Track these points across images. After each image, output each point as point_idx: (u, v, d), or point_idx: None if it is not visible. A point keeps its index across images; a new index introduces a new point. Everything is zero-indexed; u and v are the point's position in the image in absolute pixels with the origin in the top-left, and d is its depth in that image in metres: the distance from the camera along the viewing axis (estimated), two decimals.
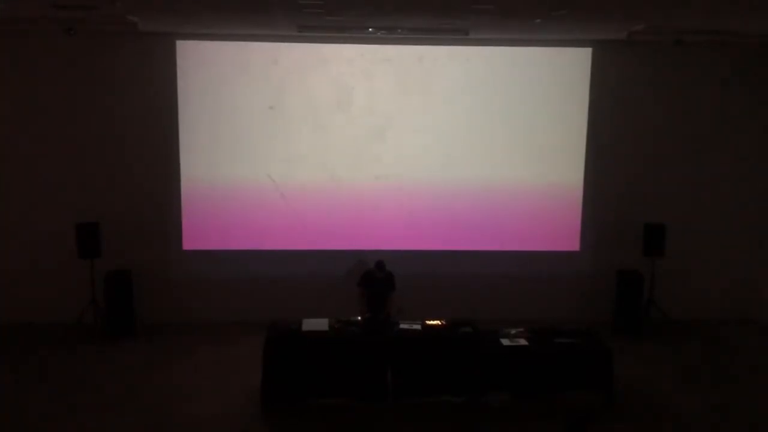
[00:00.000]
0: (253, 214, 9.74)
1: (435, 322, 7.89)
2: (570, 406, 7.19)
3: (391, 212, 9.85)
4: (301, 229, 9.79)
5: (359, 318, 8.03)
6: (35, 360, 8.57)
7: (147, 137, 9.53)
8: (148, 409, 7.42)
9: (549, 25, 7.93)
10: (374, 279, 8.33)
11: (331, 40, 9.37)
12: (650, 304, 9.79)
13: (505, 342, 7.66)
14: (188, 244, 9.78)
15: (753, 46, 9.56)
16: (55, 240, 9.40)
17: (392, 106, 9.69)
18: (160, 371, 8.36)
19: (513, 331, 7.87)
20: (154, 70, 9.40)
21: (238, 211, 9.71)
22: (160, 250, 9.72)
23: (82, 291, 9.24)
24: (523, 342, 7.67)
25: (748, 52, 9.69)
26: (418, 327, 7.79)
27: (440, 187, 9.84)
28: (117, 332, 9.26)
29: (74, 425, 7.05)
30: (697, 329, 9.94)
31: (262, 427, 7.09)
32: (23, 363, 8.49)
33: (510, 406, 7.57)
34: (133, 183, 9.60)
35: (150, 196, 9.63)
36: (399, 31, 8.80)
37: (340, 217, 9.81)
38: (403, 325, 7.80)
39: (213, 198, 9.66)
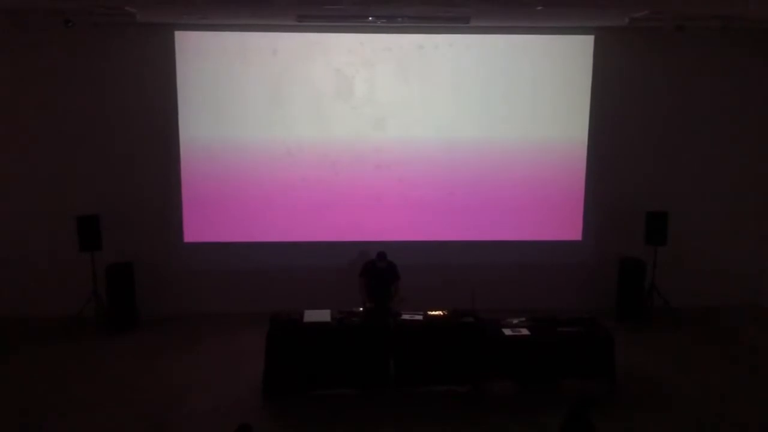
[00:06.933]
0: (254, 206, 9.72)
1: (437, 313, 7.87)
2: (573, 393, 7.16)
3: (393, 202, 9.81)
4: (302, 221, 9.76)
5: (361, 309, 8.02)
6: (36, 353, 8.57)
7: (147, 129, 9.50)
8: (150, 400, 7.42)
9: (550, 12, 7.86)
10: (376, 269, 8.32)
11: (330, 29, 9.32)
12: (652, 291, 9.77)
13: (507, 332, 7.64)
14: (189, 236, 9.76)
15: (756, 31, 9.48)
16: (55, 233, 9.39)
17: (393, 96, 9.65)
18: (162, 363, 8.36)
19: (515, 321, 7.85)
20: (152, 61, 9.36)
21: (239, 202, 9.68)
22: (162, 242, 9.70)
23: (83, 284, 9.24)
24: (525, 332, 7.65)
25: (751, 37, 9.62)
26: (419, 317, 7.78)
27: (442, 176, 9.81)
28: (118, 325, 9.25)
29: (76, 418, 7.05)
30: (699, 316, 9.93)
31: (265, 418, 7.08)
32: (24, 357, 8.49)
33: (513, 394, 7.58)
34: (133, 175, 9.58)
35: (150, 188, 9.62)
36: (399, 19, 8.74)
37: (342, 208, 9.77)
38: (405, 316, 7.78)
39: (214, 190, 9.63)
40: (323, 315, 7.76)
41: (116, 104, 9.43)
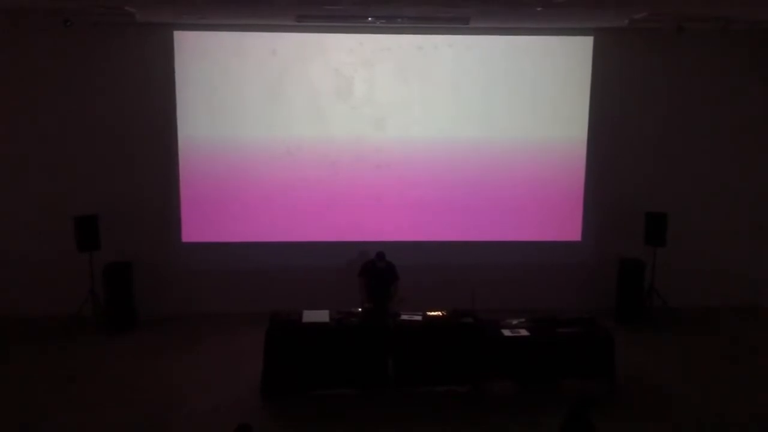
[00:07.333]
0: (253, 206, 9.71)
1: (436, 313, 7.87)
2: (573, 393, 7.16)
3: (392, 202, 9.81)
4: (302, 221, 9.76)
5: (360, 309, 8.01)
6: (35, 353, 8.55)
7: (145, 129, 9.49)
8: (150, 400, 7.41)
9: (550, 13, 7.86)
10: (375, 269, 8.31)
11: (330, 29, 9.31)
12: (652, 292, 9.77)
13: (506, 332, 7.64)
14: (188, 236, 9.75)
15: (756, 32, 9.48)
16: (54, 233, 9.36)
17: (392, 96, 9.64)
18: (162, 363, 8.35)
19: (514, 322, 7.85)
20: (151, 61, 9.35)
21: (238, 202, 9.67)
22: (160, 242, 9.69)
23: (81, 284, 9.22)
24: (524, 332, 7.64)
25: (751, 38, 9.62)
26: (419, 318, 7.77)
27: (442, 176, 9.81)
28: (117, 325, 9.23)
29: (76, 418, 7.04)
30: (700, 317, 9.95)
31: (265, 418, 7.07)
32: (23, 357, 8.47)
33: (513, 394, 7.58)
34: (131, 175, 9.57)
35: (149, 188, 9.61)
36: (399, 20, 8.74)
37: (341, 208, 9.77)
38: (404, 316, 7.77)
39: (213, 190, 9.62)
40: (322, 315, 7.75)
41: (115, 104, 9.41)
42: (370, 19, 8.66)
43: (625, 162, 9.99)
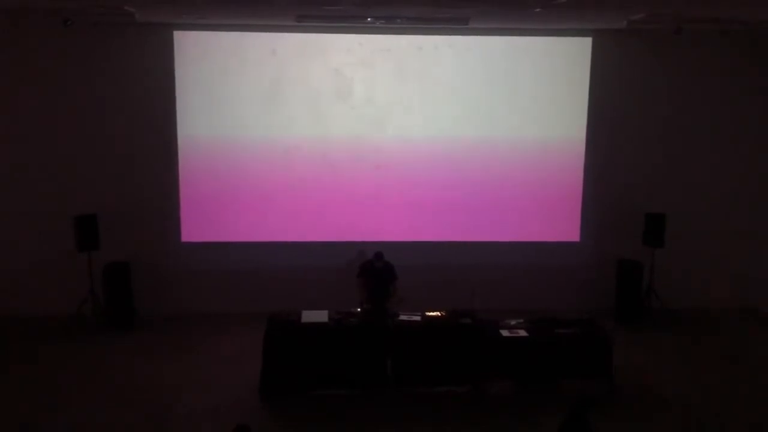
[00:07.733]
0: (252, 206, 9.71)
1: (434, 314, 7.87)
2: (572, 393, 7.17)
3: (391, 202, 9.82)
4: (301, 221, 9.76)
5: (359, 309, 8.02)
6: (34, 353, 8.56)
7: (145, 129, 9.50)
8: (147, 400, 7.41)
9: (548, 14, 7.86)
10: (374, 269, 8.31)
11: (329, 29, 9.32)
12: (650, 293, 9.77)
13: (505, 333, 7.64)
14: (187, 236, 9.75)
15: (755, 32, 9.48)
16: (53, 233, 9.37)
17: (392, 96, 9.65)
18: (159, 363, 8.35)
19: (513, 322, 7.85)
20: (151, 61, 9.35)
21: (237, 202, 9.68)
22: (159, 242, 9.69)
23: (80, 284, 9.23)
24: (522, 333, 7.65)
25: (750, 39, 9.62)
26: (417, 318, 7.77)
27: (441, 177, 9.81)
28: (116, 324, 9.24)
29: (75, 418, 7.04)
30: (699, 317, 9.95)
31: (263, 419, 7.08)
32: (22, 356, 8.47)
33: (512, 394, 7.58)
34: (131, 175, 9.57)
35: (149, 188, 9.61)
36: (398, 20, 8.74)
37: (340, 208, 9.77)
38: (402, 317, 7.78)
39: (212, 190, 9.63)
40: (321, 315, 7.76)
41: (115, 104, 9.42)
42: (369, 19, 8.65)
43: (624, 162, 9.99)
